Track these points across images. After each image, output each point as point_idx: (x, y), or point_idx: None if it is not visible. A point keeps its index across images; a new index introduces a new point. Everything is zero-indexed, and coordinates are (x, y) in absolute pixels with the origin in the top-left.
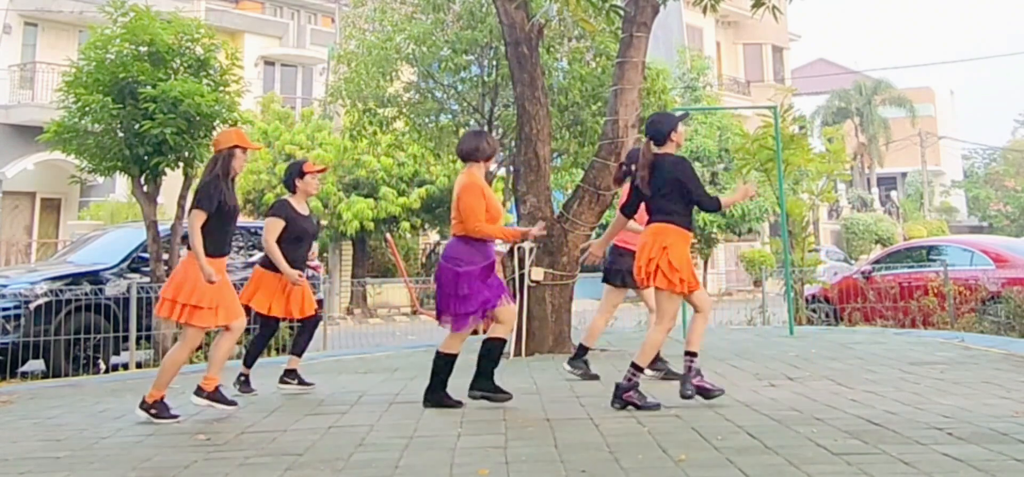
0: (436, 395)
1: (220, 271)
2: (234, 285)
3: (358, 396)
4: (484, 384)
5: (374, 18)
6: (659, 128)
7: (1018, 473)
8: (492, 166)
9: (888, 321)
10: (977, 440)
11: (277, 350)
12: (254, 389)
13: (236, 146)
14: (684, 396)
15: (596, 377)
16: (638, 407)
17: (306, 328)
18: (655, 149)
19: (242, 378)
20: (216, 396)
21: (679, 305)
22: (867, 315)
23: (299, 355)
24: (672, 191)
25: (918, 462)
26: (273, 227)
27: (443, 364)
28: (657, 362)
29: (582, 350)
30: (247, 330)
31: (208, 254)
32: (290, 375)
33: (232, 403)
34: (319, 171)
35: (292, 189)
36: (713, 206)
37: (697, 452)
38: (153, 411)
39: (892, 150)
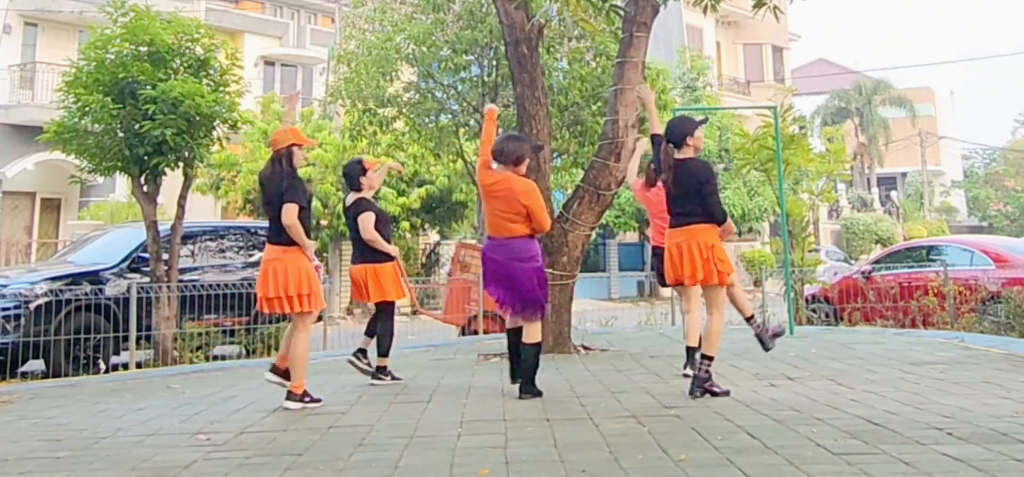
0: (534, 386)
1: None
2: (234, 285)
3: (358, 396)
4: (533, 387)
5: (374, 18)
6: (673, 132)
7: (1018, 473)
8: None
9: (888, 321)
10: (977, 440)
11: (268, 351)
12: (400, 378)
13: (293, 144)
14: (693, 396)
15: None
16: (714, 394)
17: (381, 316)
18: (675, 153)
19: (380, 369)
20: (306, 397)
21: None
22: (867, 315)
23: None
24: (696, 194)
25: (918, 462)
26: (369, 220)
27: (536, 354)
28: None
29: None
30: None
31: (295, 244)
32: (382, 371)
33: (318, 400)
34: (378, 164)
35: (358, 188)
36: (722, 217)
37: (697, 452)
38: (306, 398)
39: (892, 150)
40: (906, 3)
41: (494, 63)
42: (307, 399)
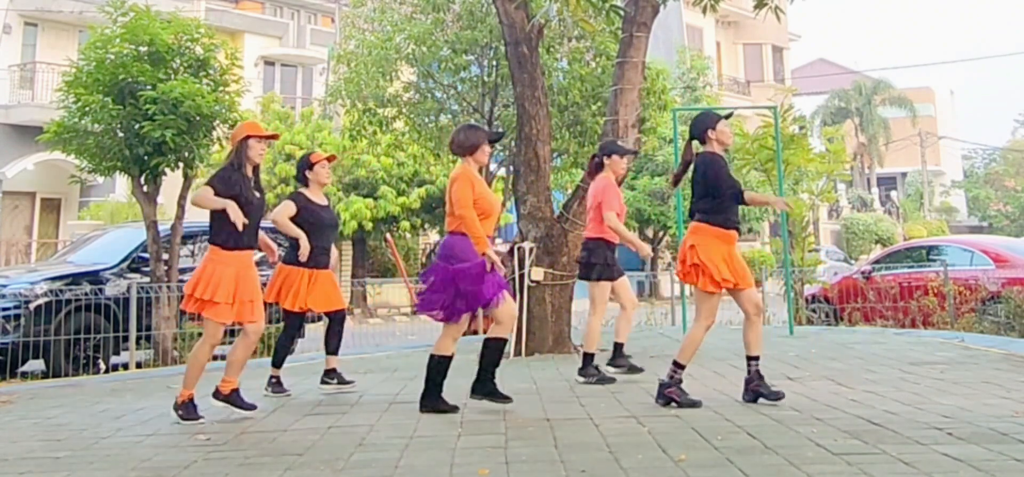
0: (431, 400)
1: (242, 267)
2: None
3: (358, 396)
4: (486, 386)
5: (374, 18)
6: (694, 127)
7: (1018, 473)
8: (492, 166)
9: (888, 321)
10: (977, 440)
11: (268, 350)
12: (287, 390)
13: (249, 136)
14: (750, 400)
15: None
16: (679, 404)
17: (334, 324)
18: (698, 148)
19: (273, 380)
20: (233, 399)
21: (717, 303)
22: (867, 315)
23: (334, 353)
24: (703, 189)
25: (918, 462)
26: (285, 209)
27: (437, 367)
28: (619, 357)
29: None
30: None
31: (224, 246)
32: (330, 375)
33: (251, 407)
34: (327, 159)
35: (304, 182)
36: (736, 199)
37: (697, 452)
38: (181, 412)
39: (892, 150)
40: (906, 3)
41: (494, 63)
42: (181, 413)
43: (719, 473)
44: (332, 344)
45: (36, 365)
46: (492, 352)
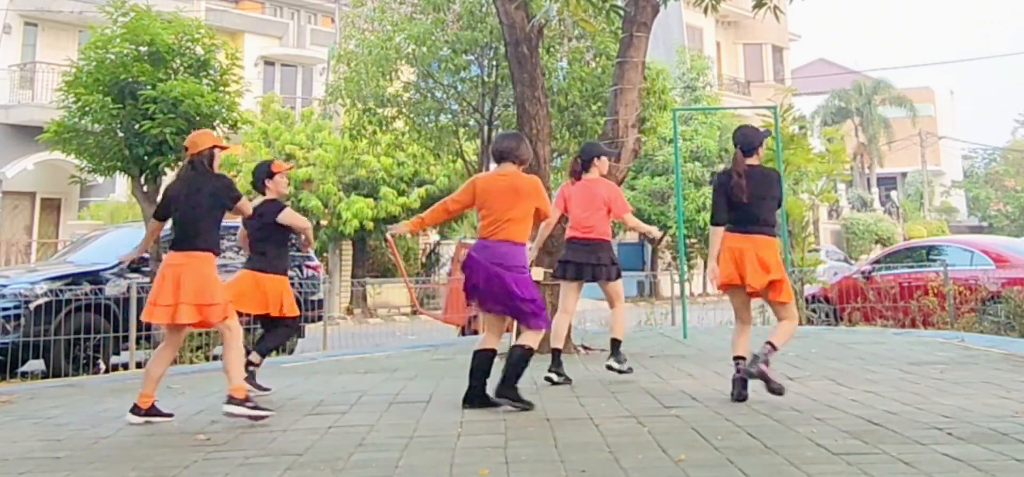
0: (513, 390)
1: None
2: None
3: (358, 396)
4: (513, 391)
5: (374, 18)
6: (751, 141)
7: (1018, 473)
8: (492, 166)
9: (888, 321)
10: (977, 440)
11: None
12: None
13: (216, 146)
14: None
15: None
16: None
17: (279, 329)
18: (747, 160)
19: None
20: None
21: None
22: (867, 315)
23: (263, 354)
24: (772, 202)
25: (918, 462)
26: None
27: (526, 360)
28: (617, 353)
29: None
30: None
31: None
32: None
33: (168, 415)
34: (288, 169)
35: (262, 190)
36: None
37: (697, 452)
38: (244, 405)
39: (892, 150)
40: (906, 3)
41: (494, 63)
42: (250, 405)
43: (719, 473)
44: (265, 345)
45: (36, 365)
46: (526, 360)
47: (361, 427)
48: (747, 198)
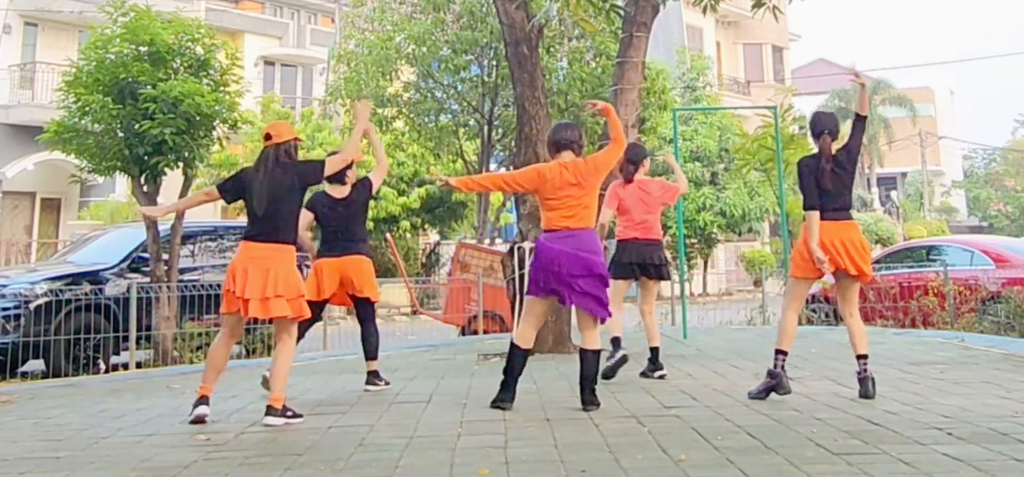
0: (594, 395)
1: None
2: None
3: (358, 396)
4: (594, 396)
5: (374, 18)
6: (837, 123)
7: (1018, 473)
8: (492, 166)
9: (888, 321)
10: (977, 440)
11: (268, 350)
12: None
13: (297, 139)
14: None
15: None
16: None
17: (367, 321)
18: (811, 147)
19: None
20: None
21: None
22: (867, 315)
23: (376, 356)
24: (850, 186)
25: (918, 462)
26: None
27: (597, 361)
28: (656, 360)
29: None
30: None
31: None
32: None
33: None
34: (360, 159)
35: (342, 181)
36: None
37: (697, 452)
38: (281, 413)
39: (892, 150)
40: (906, 3)
41: (494, 63)
42: (289, 413)
43: (719, 473)
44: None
45: (36, 365)
46: (596, 363)
47: (361, 427)
48: (833, 184)
